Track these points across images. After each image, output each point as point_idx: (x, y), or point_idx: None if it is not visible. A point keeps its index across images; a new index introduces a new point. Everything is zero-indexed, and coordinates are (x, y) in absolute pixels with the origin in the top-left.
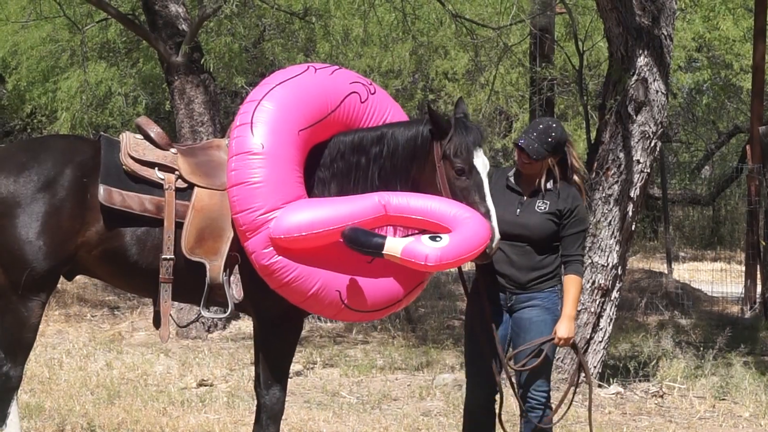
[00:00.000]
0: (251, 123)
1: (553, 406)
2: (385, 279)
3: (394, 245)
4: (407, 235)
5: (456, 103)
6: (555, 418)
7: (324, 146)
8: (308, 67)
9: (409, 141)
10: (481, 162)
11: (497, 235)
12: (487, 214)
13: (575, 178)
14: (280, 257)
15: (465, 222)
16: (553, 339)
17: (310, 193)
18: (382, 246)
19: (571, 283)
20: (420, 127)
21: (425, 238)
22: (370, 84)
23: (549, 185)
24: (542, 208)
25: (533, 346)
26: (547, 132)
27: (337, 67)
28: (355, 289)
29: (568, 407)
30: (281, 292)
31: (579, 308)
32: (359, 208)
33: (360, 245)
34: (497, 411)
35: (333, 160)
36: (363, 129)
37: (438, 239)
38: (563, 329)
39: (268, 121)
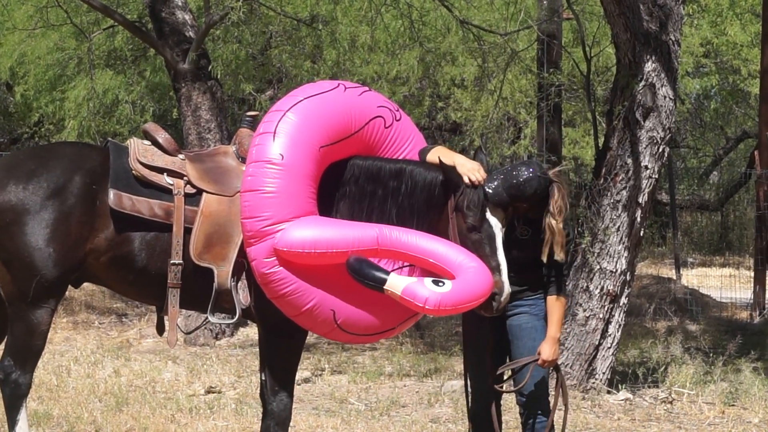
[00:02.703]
0: (274, 133)
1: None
2: (382, 305)
3: (397, 283)
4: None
5: (475, 152)
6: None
7: (339, 166)
8: (338, 84)
9: (428, 185)
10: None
11: (506, 289)
12: (496, 269)
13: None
14: (280, 268)
15: (468, 271)
16: (537, 360)
17: (318, 208)
18: (384, 282)
19: (556, 304)
20: (439, 175)
21: (428, 280)
22: (397, 110)
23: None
24: (525, 235)
25: (518, 365)
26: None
27: (367, 88)
28: (350, 311)
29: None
30: (277, 303)
31: (588, 314)
32: (365, 237)
33: (363, 277)
34: (500, 417)
35: (345, 182)
36: (381, 158)
37: (441, 284)
38: (548, 351)
39: (291, 134)
